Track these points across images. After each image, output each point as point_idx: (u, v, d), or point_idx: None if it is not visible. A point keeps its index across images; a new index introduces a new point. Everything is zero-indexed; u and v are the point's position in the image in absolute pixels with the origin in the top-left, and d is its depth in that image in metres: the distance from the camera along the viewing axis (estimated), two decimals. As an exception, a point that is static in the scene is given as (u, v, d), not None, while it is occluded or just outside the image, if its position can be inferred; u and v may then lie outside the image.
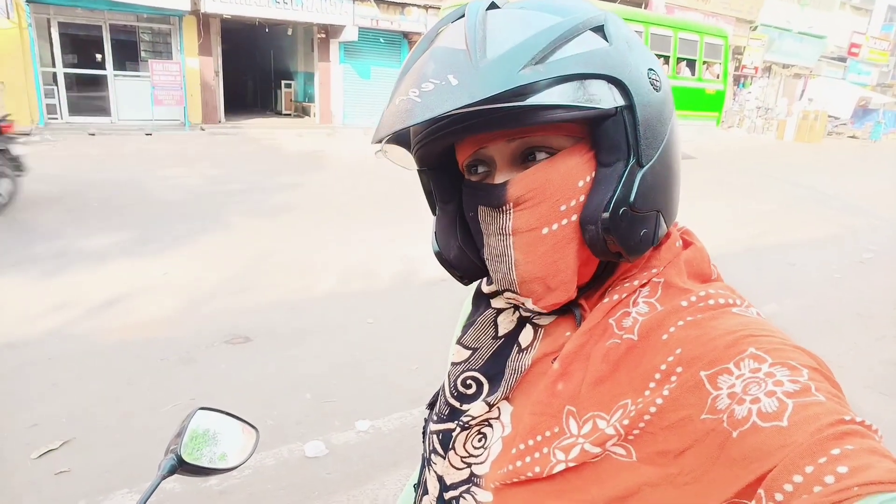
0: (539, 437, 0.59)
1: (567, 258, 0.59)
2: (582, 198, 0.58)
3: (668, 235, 0.66)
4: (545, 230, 0.59)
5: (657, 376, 0.54)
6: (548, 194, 0.58)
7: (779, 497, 0.42)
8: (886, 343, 4.37)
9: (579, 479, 0.56)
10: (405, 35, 16.68)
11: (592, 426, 0.57)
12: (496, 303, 0.72)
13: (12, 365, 3.34)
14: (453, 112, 0.51)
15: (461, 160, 0.63)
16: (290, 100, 17.90)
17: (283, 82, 18.02)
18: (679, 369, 0.53)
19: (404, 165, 0.69)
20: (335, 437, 2.84)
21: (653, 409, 0.53)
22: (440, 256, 0.70)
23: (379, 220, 6.87)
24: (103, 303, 4.20)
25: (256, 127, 14.83)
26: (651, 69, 0.60)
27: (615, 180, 0.57)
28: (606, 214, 0.57)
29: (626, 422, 0.54)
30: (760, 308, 0.62)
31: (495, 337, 0.69)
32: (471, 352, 0.70)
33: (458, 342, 0.73)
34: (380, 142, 0.60)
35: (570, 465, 0.56)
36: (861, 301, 5.22)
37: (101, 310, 4.09)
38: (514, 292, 0.62)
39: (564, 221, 0.58)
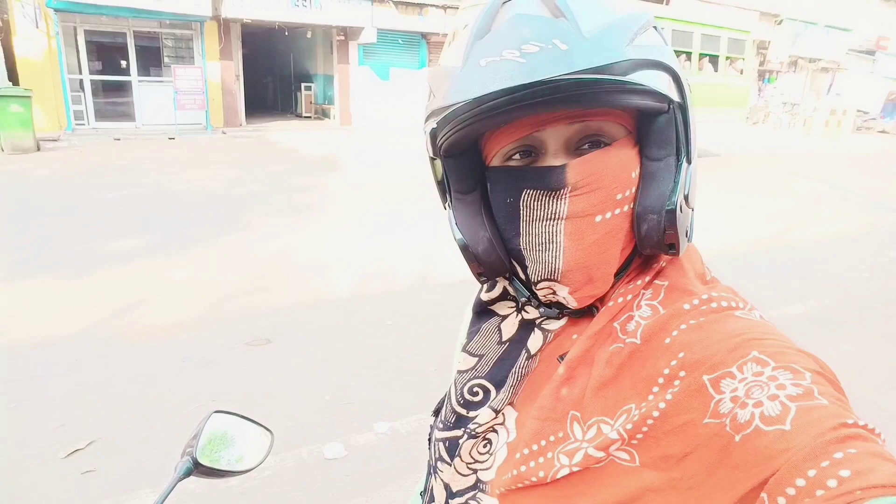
0: (543, 442, 0.59)
1: (614, 248, 0.59)
2: (634, 188, 0.59)
3: None
4: (598, 218, 0.58)
5: (660, 380, 0.54)
6: (606, 182, 0.57)
7: (781, 501, 0.42)
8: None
9: (583, 483, 0.56)
10: (423, 35, 16.72)
11: (597, 431, 0.56)
12: (499, 309, 0.71)
13: (40, 366, 3.41)
14: (564, 77, 0.50)
15: (500, 145, 0.60)
16: (310, 102, 18.03)
17: (302, 85, 18.15)
18: (682, 373, 0.53)
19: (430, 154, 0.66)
20: (354, 438, 2.85)
21: (656, 414, 0.53)
22: (467, 250, 0.65)
23: (397, 221, 6.88)
24: (127, 305, 4.27)
25: (277, 130, 14.97)
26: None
27: (670, 174, 0.58)
28: (671, 205, 0.57)
29: (629, 426, 0.54)
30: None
31: (499, 342, 0.69)
32: (477, 359, 0.70)
33: (464, 350, 0.72)
34: (445, 110, 0.57)
35: (574, 469, 0.56)
36: (889, 301, 5.10)
37: (125, 312, 4.17)
38: (553, 281, 0.60)
39: (618, 211, 0.58)
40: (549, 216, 0.58)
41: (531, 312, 0.67)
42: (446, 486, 0.68)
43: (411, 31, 16.41)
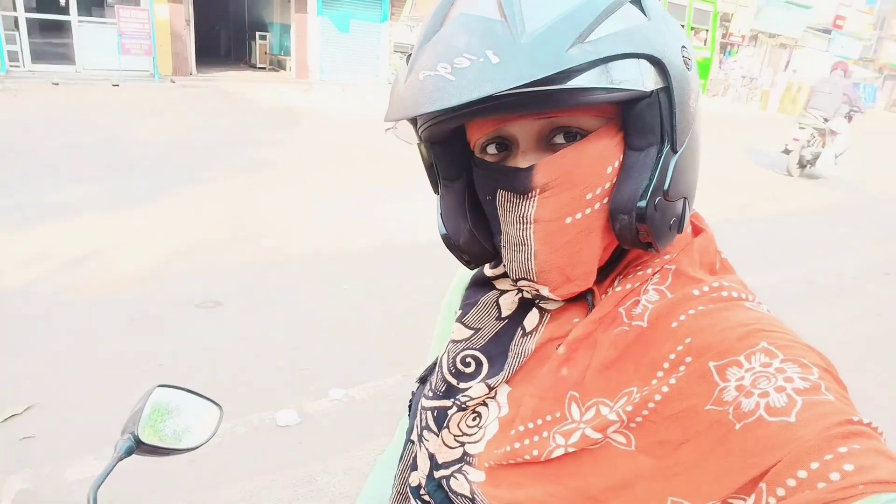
0: (539, 421, 0.58)
1: (590, 248, 0.57)
2: (609, 184, 0.55)
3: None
4: (569, 220, 0.55)
5: (665, 365, 0.53)
6: (576, 181, 0.54)
7: (780, 492, 0.42)
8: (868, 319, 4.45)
9: (575, 464, 0.55)
10: (386, -12, 16.19)
11: (595, 412, 0.55)
12: (500, 285, 0.69)
13: (-27, 325, 3.22)
14: (495, 94, 0.46)
15: (475, 137, 0.58)
16: (265, 52, 17.32)
17: (257, 34, 17.39)
18: (688, 359, 0.52)
19: (409, 141, 0.63)
20: (308, 405, 2.81)
21: (658, 397, 0.52)
22: (448, 241, 0.65)
23: (356, 180, 6.74)
24: (73, 259, 4.07)
25: (230, 80, 14.34)
26: (683, 46, 0.56)
27: (649, 166, 0.54)
28: (643, 204, 0.53)
29: (629, 408, 0.53)
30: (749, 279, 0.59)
31: (499, 318, 0.68)
32: (473, 331, 0.68)
33: (460, 321, 0.70)
34: (395, 121, 0.56)
35: (570, 450, 0.55)
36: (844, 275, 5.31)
37: (71, 267, 3.97)
38: (530, 281, 0.59)
39: (588, 210, 0.55)
40: (519, 219, 0.56)
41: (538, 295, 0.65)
42: (431, 457, 0.66)
43: (374, -18, 15.85)
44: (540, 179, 0.54)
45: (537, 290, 0.60)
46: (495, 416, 0.62)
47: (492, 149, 0.58)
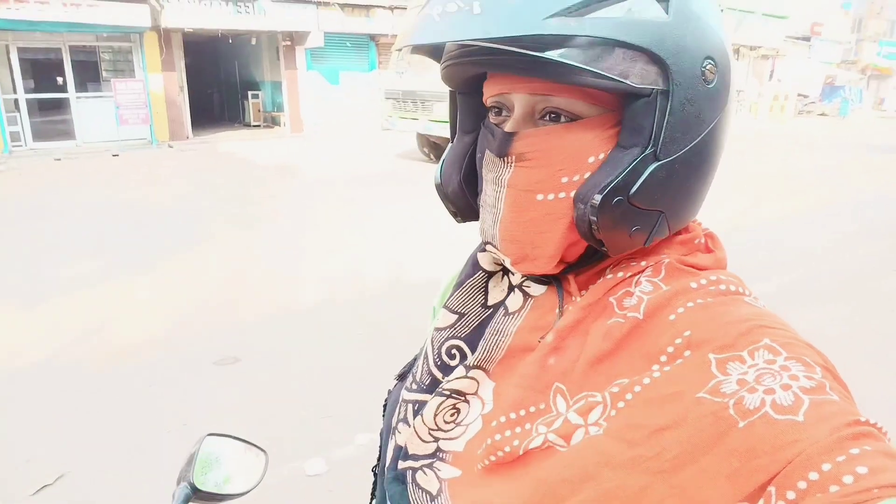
0: (522, 412, 0.56)
1: (554, 232, 0.56)
2: (588, 174, 0.54)
3: (687, 229, 0.62)
4: (539, 196, 0.55)
5: (662, 358, 0.51)
6: (552, 161, 0.54)
7: (791, 496, 0.40)
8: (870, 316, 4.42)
9: (546, 458, 0.52)
10: (372, 37, 16.61)
11: (584, 405, 0.53)
12: (484, 263, 0.68)
13: (2, 398, 3.23)
14: (462, 41, 0.50)
15: (486, 96, 0.60)
16: (258, 110, 17.69)
17: (249, 93, 17.79)
18: (687, 353, 0.50)
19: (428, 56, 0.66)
20: (335, 452, 2.78)
21: (646, 381, 0.50)
22: (440, 189, 0.67)
23: (360, 226, 6.79)
24: (87, 330, 4.08)
25: (226, 140, 14.64)
26: (710, 58, 0.54)
27: (621, 164, 0.52)
28: (598, 198, 0.52)
29: (615, 390, 0.51)
30: (758, 285, 0.59)
31: (484, 305, 0.66)
32: (457, 317, 0.67)
33: (445, 305, 0.69)
34: (399, 50, 0.57)
35: (550, 437, 0.52)
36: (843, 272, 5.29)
37: (86, 337, 3.98)
38: (494, 247, 0.60)
39: (562, 195, 0.55)
40: (496, 181, 0.58)
41: (517, 275, 0.64)
42: (399, 448, 0.63)
43: (359, 34, 16.27)
44: (518, 147, 0.55)
45: (503, 261, 0.61)
46: (478, 412, 0.60)
47: (496, 112, 0.60)
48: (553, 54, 0.49)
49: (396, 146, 12.69)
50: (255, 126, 17.53)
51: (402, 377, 0.74)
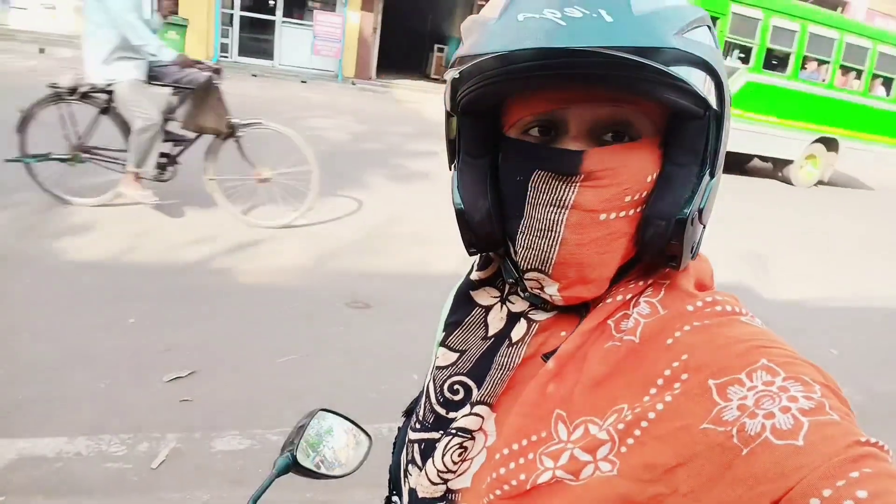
0: (525, 442, 0.55)
1: (615, 252, 0.56)
2: (646, 193, 0.55)
3: None
4: (603, 216, 0.55)
5: (659, 382, 0.51)
6: (621, 179, 0.54)
7: None
8: None
9: (551, 493, 0.52)
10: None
11: (584, 431, 0.53)
12: (480, 298, 0.67)
13: (154, 289, 3.62)
14: (600, 49, 0.46)
15: (520, 116, 0.56)
16: (441, 65, 18.03)
17: (436, 46, 18.15)
18: (684, 376, 0.50)
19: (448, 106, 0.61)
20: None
21: (652, 416, 0.49)
22: (462, 216, 0.62)
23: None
24: (240, 244, 4.44)
25: (405, 88, 15.10)
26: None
27: (689, 183, 0.55)
28: (686, 211, 0.54)
29: (621, 426, 0.50)
30: None
31: (485, 337, 0.65)
32: (458, 354, 0.66)
33: (443, 344, 0.68)
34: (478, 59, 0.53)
35: (558, 472, 0.52)
36: None
37: (238, 250, 4.34)
38: (543, 273, 0.57)
39: (623, 214, 0.55)
40: (554, 202, 0.55)
41: (517, 304, 0.64)
42: (411, 492, 0.64)
43: None
44: (589, 166, 0.53)
45: (541, 287, 0.58)
46: (482, 445, 0.60)
47: (535, 131, 0.56)
48: (679, 70, 0.49)
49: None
50: (434, 79, 17.91)
51: (408, 413, 0.74)
